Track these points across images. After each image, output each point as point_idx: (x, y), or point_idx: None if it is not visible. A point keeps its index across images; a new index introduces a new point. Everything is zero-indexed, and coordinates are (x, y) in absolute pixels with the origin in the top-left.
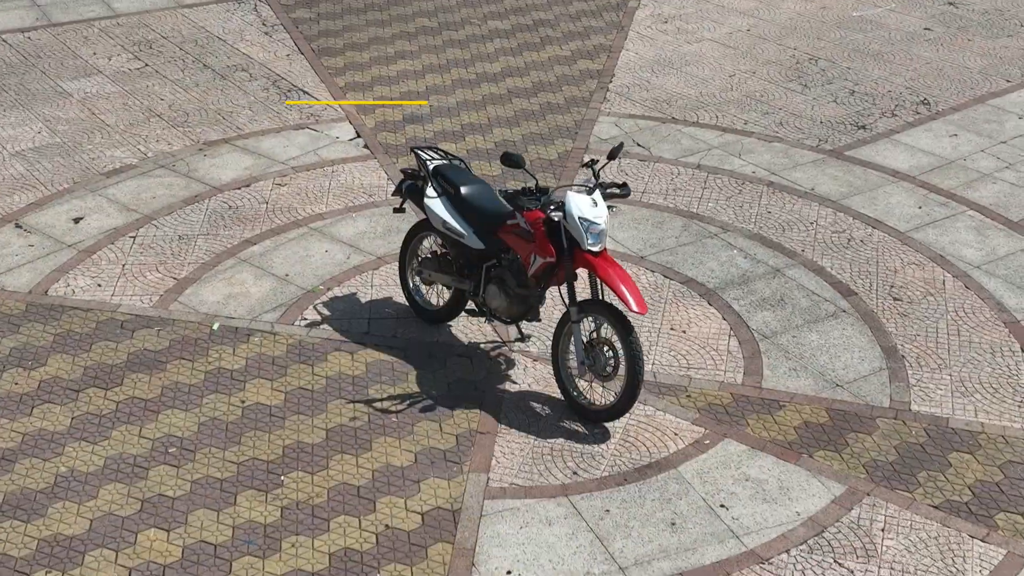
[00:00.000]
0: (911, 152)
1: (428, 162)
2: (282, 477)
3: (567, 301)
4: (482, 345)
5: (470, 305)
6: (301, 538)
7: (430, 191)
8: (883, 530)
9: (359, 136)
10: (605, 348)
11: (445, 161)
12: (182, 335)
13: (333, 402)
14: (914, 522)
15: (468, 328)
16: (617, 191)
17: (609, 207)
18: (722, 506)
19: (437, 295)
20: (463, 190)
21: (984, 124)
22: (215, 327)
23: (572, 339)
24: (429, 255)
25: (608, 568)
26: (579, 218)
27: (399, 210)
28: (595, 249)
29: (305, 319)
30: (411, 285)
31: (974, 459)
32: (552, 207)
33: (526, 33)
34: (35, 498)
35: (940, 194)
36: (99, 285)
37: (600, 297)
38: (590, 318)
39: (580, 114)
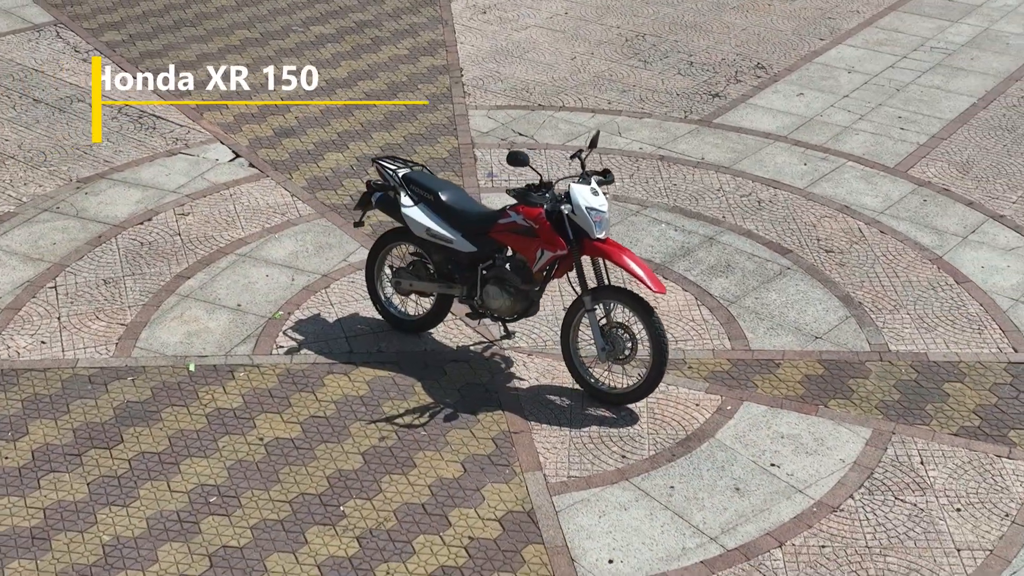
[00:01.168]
0: (772, 114)
1: (396, 171)
2: (341, 508)
3: (579, 290)
4: (472, 348)
5: (461, 308)
6: (392, 564)
7: (406, 200)
8: (923, 463)
9: (238, 156)
10: (620, 331)
11: (409, 169)
12: (160, 381)
13: (353, 425)
14: (944, 451)
15: (451, 333)
16: (603, 179)
17: (604, 194)
18: (772, 464)
19: (415, 304)
20: (443, 195)
21: (822, 81)
22: (191, 368)
23: (585, 327)
24: (405, 265)
25: (701, 540)
26: (586, 208)
27: (359, 224)
28: (602, 237)
29: (281, 347)
30: (383, 298)
31: (965, 387)
32: (556, 201)
33: (354, 35)
34: (92, 573)
35: (816, 150)
36: (43, 342)
37: (607, 282)
38: (602, 304)
39: (449, 110)
